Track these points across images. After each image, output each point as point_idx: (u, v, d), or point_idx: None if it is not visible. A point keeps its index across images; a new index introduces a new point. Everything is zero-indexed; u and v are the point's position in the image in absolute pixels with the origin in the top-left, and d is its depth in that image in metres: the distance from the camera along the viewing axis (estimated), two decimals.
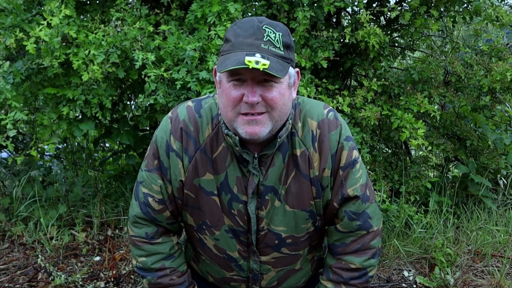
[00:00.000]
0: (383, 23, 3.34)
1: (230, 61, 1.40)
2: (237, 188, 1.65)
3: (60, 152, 3.95)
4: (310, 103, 1.67)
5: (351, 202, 1.69)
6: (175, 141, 1.64)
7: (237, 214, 1.69)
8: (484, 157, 3.52)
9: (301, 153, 1.63)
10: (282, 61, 1.44)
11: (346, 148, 1.64)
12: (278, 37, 1.44)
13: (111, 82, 3.06)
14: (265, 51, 1.41)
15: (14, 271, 2.93)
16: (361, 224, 1.71)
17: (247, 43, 1.42)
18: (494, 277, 2.91)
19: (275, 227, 1.71)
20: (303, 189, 1.66)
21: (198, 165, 1.64)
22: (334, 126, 1.64)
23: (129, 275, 2.87)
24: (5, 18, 2.70)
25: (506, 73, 2.85)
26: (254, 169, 1.61)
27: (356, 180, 1.68)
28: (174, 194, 1.70)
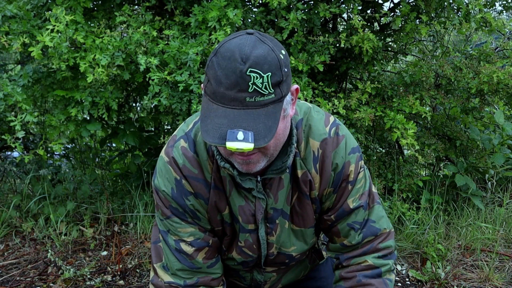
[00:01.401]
0: (377, 28, 3.39)
1: (211, 126, 1.22)
2: (242, 218, 1.55)
3: (69, 151, 3.98)
4: (313, 121, 1.52)
5: (353, 214, 1.59)
6: (187, 184, 1.50)
7: (244, 246, 1.61)
8: (472, 157, 3.56)
9: (302, 174, 1.52)
10: (273, 107, 1.24)
11: (353, 161, 1.54)
12: (266, 81, 1.21)
13: (117, 85, 3.09)
14: (250, 105, 1.21)
15: (25, 265, 2.97)
16: (365, 231, 1.60)
17: (229, 97, 1.21)
18: (483, 271, 2.97)
19: (286, 249, 1.64)
20: (306, 209, 1.57)
21: (216, 202, 1.53)
22: (336, 143, 1.51)
23: (135, 269, 2.93)
24: (15, 24, 2.71)
25: (493, 75, 2.90)
26: (259, 193, 1.50)
27: (357, 191, 1.58)
28: (205, 230, 1.58)
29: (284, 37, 2.74)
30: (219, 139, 1.20)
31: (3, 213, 3.33)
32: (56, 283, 2.78)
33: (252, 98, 1.21)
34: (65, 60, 2.69)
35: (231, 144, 1.18)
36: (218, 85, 1.22)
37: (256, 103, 1.22)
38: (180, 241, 1.56)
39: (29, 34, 2.73)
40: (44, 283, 2.80)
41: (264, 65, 1.21)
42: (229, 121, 1.21)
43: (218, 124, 1.21)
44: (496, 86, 2.97)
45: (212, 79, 1.23)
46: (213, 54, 1.25)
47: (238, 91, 1.21)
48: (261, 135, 1.21)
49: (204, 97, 1.29)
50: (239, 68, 1.20)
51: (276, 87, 1.24)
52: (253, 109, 1.22)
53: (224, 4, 2.64)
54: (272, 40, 1.27)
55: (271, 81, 1.22)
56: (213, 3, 2.65)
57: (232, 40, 1.25)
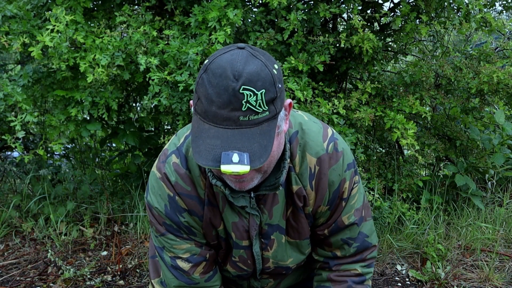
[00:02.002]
0: (377, 28, 3.39)
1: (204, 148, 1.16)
2: (236, 234, 1.52)
3: (69, 151, 3.98)
4: (309, 134, 1.46)
5: (347, 229, 1.58)
6: (181, 201, 1.46)
7: (238, 261, 1.60)
8: (472, 157, 3.56)
9: (297, 190, 1.47)
10: (267, 125, 1.18)
11: (348, 178, 1.50)
12: (260, 99, 1.15)
13: (117, 85, 3.09)
14: (244, 124, 1.15)
15: (25, 265, 2.97)
16: (359, 245, 1.62)
17: (222, 117, 1.15)
18: (483, 271, 2.97)
19: (283, 262, 1.64)
20: (301, 223, 1.55)
21: (211, 218, 1.50)
22: (335, 160, 1.47)
23: (135, 269, 2.93)
24: (15, 24, 2.72)
25: (493, 75, 2.90)
26: (252, 209, 1.47)
27: (352, 207, 1.56)
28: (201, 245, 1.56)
29: (285, 37, 2.74)
30: (212, 161, 1.14)
31: (3, 213, 3.33)
32: (56, 283, 2.78)
33: (246, 117, 1.15)
34: (65, 60, 2.69)
35: (226, 167, 1.12)
36: (209, 104, 1.16)
37: (250, 121, 1.16)
38: (176, 258, 1.54)
39: (29, 34, 2.73)
40: (44, 283, 2.80)
41: (258, 82, 1.14)
42: (223, 142, 1.15)
43: (211, 145, 1.15)
44: (496, 86, 2.97)
45: (203, 97, 1.17)
46: (203, 71, 1.18)
47: (231, 110, 1.14)
48: (257, 155, 1.15)
49: (194, 116, 1.22)
50: (231, 86, 1.13)
51: (270, 104, 1.18)
52: (247, 128, 1.16)
53: (224, 4, 2.64)
54: (264, 55, 1.21)
55: (265, 98, 1.16)
56: (213, 3, 2.65)
57: (222, 55, 1.18)
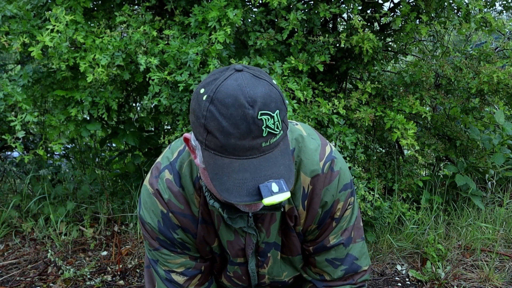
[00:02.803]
0: (377, 28, 3.39)
1: (232, 184, 1.10)
2: (231, 252, 1.49)
3: (69, 151, 3.99)
4: (305, 152, 1.39)
5: (332, 250, 1.52)
6: (174, 217, 1.42)
7: (233, 276, 1.58)
8: (472, 157, 3.57)
9: (289, 209, 1.43)
10: (283, 144, 1.15)
11: (342, 199, 1.45)
12: (277, 120, 1.10)
13: (117, 85, 3.09)
14: (266, 149, 1.11)
15: (25, 265, 2.98)
16: (347, 268, 1.55)
17: (244, 147, 1.09)
18: (483, 271, 2.97)
19: (279, 277, 1.61)
20: (292, 241, 1.51)
21: (205, 236, 1.47)
22: (329, 180, 1.41)
23: (135, 269, 2.94)
24: (15, 24, 2.72)
25: (493, 75, 2.90)
26: (250, 228, 1.43)
27: (341, 228, 1.51)
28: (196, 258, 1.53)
29: (284, 37, 2.75)
30: (248, 196, 1.09)
31: (3, 213, 3.34)
32: (56, 283, 2.79)
33: (267, 142, 1.10)
34: (65, 60, 2.70)
35: (269, 200, 1.06)
36: (226, 137, 1.08)
37: (271, 145, 1.12)
38: (170, 272, 1.51)
39: (29, 34, 2.73)
40: (44, 283, 2.81)
41: (271, 104, 1.09)
42: (252, 174, 1.10)
43: (240, 179, 1.09)
44: (496, 86, 2.98)
45: (217, 131, 1.09)
46: (209, 103, 1.09)
47: (253, 138, 1.08)
48: (287, 177, 1.12)
49: (205, 152, 1.14)
50: (249, 115, 1.06)
51: (283, 123, 1.14)
52: (269, 153, 1.12)
53: (224, 4, 2.64)
54: (262, 72, 1.16)
55: (280, 118, 1.11)
56: (213, 3, 2.66)
57: (226, 82, 1.10)
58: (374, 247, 3.20)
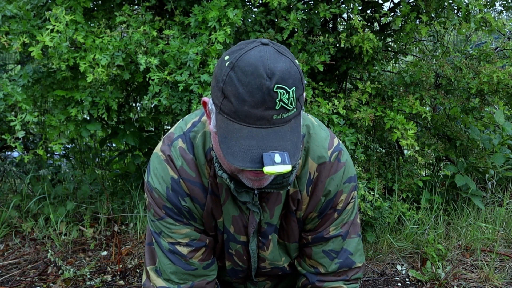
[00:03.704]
0: (377, 28, 3.39)
1: (238, 149, 1.13)
2: (234, 228, 1.51)
3: (69, 151, 3.99)
4: (315, 139, 1.44)
5: (330, 241, 1.56)
6: (184, 185, 1.44)
7: (235, 254, 1.58)
8: (472, 157, 3.57)
9: (292, 193, 1.46)
10: (294, 122, 1.18)
11: (346, 191, 1.49)
12: (292, 96, 1.14)
13: (117, 85, 3.10)
14: (277, 122, 1.14)
15: (25, 265, 2.98)
16: (342, 262, 1.58)
17: (256, 116, 1.12)
18: (483, 271, 2.97)
19: (278, 262, 1.62)
20: (292, 226, 1.54)
21: (213, 209, 1.48)
22: (335, 170, 1.46)
23: (135, 269, 2.93)
24: (15, 24, 2.72)
25: (493, 75, 2.90)
26: (254, 206, 1.45)
27: (342, 220, 1.54)
28: (201, 230, 1.53)
29: (284, 37, 2.75)
30: (251, 162, 1.12)
31: (3, 213, 3.33)
32: (56, 283, 2.78)
33: (279, 115, 1.14)
34: (65, 60, 2.70)
35: (270, 168, 1.09)
36: (241, 103, 1.12)
37: (282, 120, 1.15)
38: (174, 244, 1.50)
39: (29, 34, 2.74)
40: (44, 283, 2.81)
41: (289, 80, 1.13)
42: (259, 142, 1.13)
43: (246, 146, 1.13)
44: (496, 86, 2.98)
45: (232, 96, 1.13)
46: (230, 69, 1.14)
47: (265, 109, 1.12)
48: (291, 153, 1.14)
49: (218, 115, 1.19)
50: (265, 85, 1.11)
51: (297, 101, 1.17)
52: (279, 127, 1.15)
53: (224, 4, 2.64)
54: (287, 50, 1.20)
55: (295, 96, 1.15)
56: (213, 3, 2.66)
57: (249, 52, 1.15)
58: (374, 247, 3.20)
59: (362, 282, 2.92)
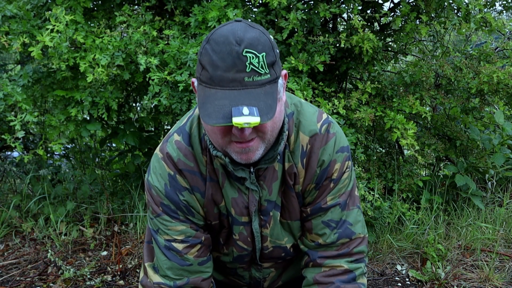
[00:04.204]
0: (377, 28, 3.39)
1: (212, 110, 1.21)
2: (235, 210, 1.54)
3: (69, 151, 3.99)
4: (304, 114, 1.52)
5: (329, 211, 1.57)
6: (182, 179, 1.50)
7: (238, 239, 1.60)
8: (472, 157, 3.57)
9: (289, 167, 1.51)
10: (270, 88, 1.26)
11: (340, 160, 1.53)
12: (262, 61, 1.23)
13: (117, 85, 3.10)
14: (249, 84, 1.22)
15: (25, 265, 2.98)
16: (341, 232, 1.58)
17: (228, 79, 1.21)
18: (483, 271, 2.97)
19: (280, 241, 1.63)
20: (292, 202, 1.57)
21: (213, 195, 1.52)
22: (325, 141, 1.51)
23: (135, 269, 2.93)
24: (15, 24, 2.73)
25: (493, 75, 2.90)
26: (252, 184, 1.49)
27: (339, 190, 1.57)
28: (197, 228, 1.56)
29: (284, 37, 2.75)
30: (223, 118, 1.20)
31: (3, 213, 3.34)
32: (56, 283, 2.79)
33: (250, 77, 1.22)
34: (65, 60, 2.71)
35: (237, 119, 1.17)
36: (214, 69, 1.23)
37: (255, 82, 1.23)
38: (170, 241, 1.55)
39: (29, 34, 2.74)
40: (44, 283, 2.81)
41: (259, 46, 1.23)
42: (231, 101, 1.21)
43: (220, 105, 1.21)
44: (496, 86, 2.98)
45: (208, 64, 1.24)
46: (205, 42, 1.26)
47: (236, 71, 1.22)
48: (264, 111, 1.21)
49: (199, 86, 1.29)
50: (235, 50, 1.21)
51: (271, 68, 1.26)
52: (252, 89, 1.23)
53: (224, 4, 2.64)
54: (260, 27, 1.30)
55: (266, 61, 1.24)
56: (213, 3, 2.66)
57: (222, 27, 1.27)
58: (374, 247, 3.20)
59: None
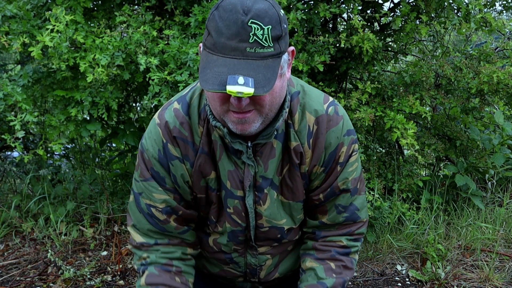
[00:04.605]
0: (377, 28, 3.40)
1: (211, 75, 1.23)
2: (230, 183, 1.55)
3: (69, 151, 3.99)
4: (310, 95, 1.53)
5: (341, 196, 1.61)
6: (174, 148, 1.52)
7: (233, 212, 1.60)
8: (472, 157, 3.57)
9: (295, 146, 1.52)
10: (272, 61, 1.26)
11: (346, 143, 1.55)
12: (267, 33, 1.23)
13: (117, 85, 3.10)
14: (251, 55, 1.23)
15: (25, 265, 2.98)
16: (348, 216, 1.64)
17: (230, 47, 1.23)
18: (483, 271, 2.98)
19: (277, 222, 1.63)
20: (297, 182, 1.57)
21: (201, 166, 1.53)
22: (335, 122, 1.52)
23: (135, 269, 2.95)
24: (15, 24, 2.73)
25: (493, 75, 2.91)
26: (248, 159, 1.50)
27: (349, 174, 1.59)
28: (180, 200, 1.59)
29: None
30: (218, 85, 1.21)
31: (3, 213, 3.34)
32: (56, 283, 2.79)
33: (252, 48, 1.23)
34: (65, 60, 2.70)
35: (231, 87, 1.18)
36: (219, 36, 1.24)
37: (256, 54, 1.23)
38: (151, 206, 1.57)
39: (29, 34, 2.74)
40: (44, 283, 2.81)
41: (265, 18, 1.23)
42: (229, 69, 1.22)
43: (218, 72, 1.22)
44: (496, 86, 2.99)
45: (213, 30, 1.25)
46: (215, 9, 1.27)
47: (239, 41, 1.22)
48: (261, 84, 1.22)
49: (203, 52, 1.30)
50: (240, 19, 1.22)
51: (276, 42, 1.26)
52: (252, 60, 1.23)
53: None
54: (272, 0, 1.30)
55: (271, 34, 1.24)
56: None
57: None
58: (374, 247, 3.20)
59: (362, 282, 2.93)
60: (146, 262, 1.61)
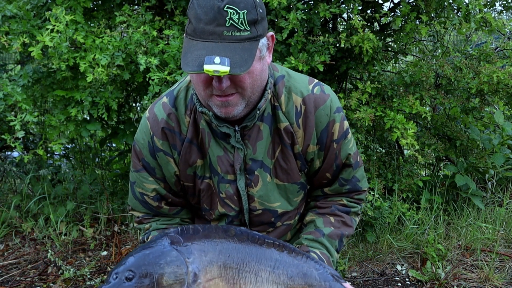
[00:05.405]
0: (377, 28, 3.39)
1: (191, 58, 1.30)
2: (221, 168, 1.61)
3: (69, 151, 3.99)
4: (295, 78, 1.61)
5: (344, 170, 1.70)
6: (159, 140, 1.61)
7: (225, 197, 1.65)
8: (472, 157, 3.57)
9: (284, 127, 1.58)
10: (249, 44, 1.33)
11: (338, 120, 1.61)
12: (242, 17, 1.30)
13: (117, 85, 3.09)
14: (228, 38, 1.30)
15: (25, 265, 2.99)
16: (350, 187, 1.74)
17: (208, 31, 1.30)
18: (483, 271, 2.98)
19: (270, 204, 1.68)
20: (290, 163, 1.63)
21: (186, 155, 1.61)
22: (322, 100, 1.58)
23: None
24: (15, 24, 2.73)
25: (493, 75, 2.91)
26: (237, 142, 1.56)
27: (350, 149, 1.67)
28: (170, 189, 1.69)
29: (284, 37, 2.75)
30: (197, 66, 1.28)
31: (3, 213, 3.34)
32: (56, 283, 2.79)
33: (229, 32, 1.30)
34: (65, 60, 2.71)
35: (208, 66, 1.26)
36: (197, 22, 1.31)
37: (233, 37, 1.30)
38: (144, 195, 1.70)
39: (29, 34, 2.75)
40: (44, 283, 2.81)
41: (240, 3, 1.30)
42: (207, 52, 1.29)
43: (197, 55, 1.29)
44: (496, 86, 2.99)
45: (192, 18, 1.33)
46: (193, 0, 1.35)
47: (216, 25, 1.30)
48: (237, 64, 1.29)
49: (185, 39, 1.37)
50: (217, 5, 1.29)
51: (252, 26, 1.33)
52: (230, 42, 1.30)
53: None
54: None
55: (247, 18, 1.31)
56: None
57: None
58: (374, 247, 3.20)
59: (362, 282, 2.93)
60: (149, 231, 1.74)
